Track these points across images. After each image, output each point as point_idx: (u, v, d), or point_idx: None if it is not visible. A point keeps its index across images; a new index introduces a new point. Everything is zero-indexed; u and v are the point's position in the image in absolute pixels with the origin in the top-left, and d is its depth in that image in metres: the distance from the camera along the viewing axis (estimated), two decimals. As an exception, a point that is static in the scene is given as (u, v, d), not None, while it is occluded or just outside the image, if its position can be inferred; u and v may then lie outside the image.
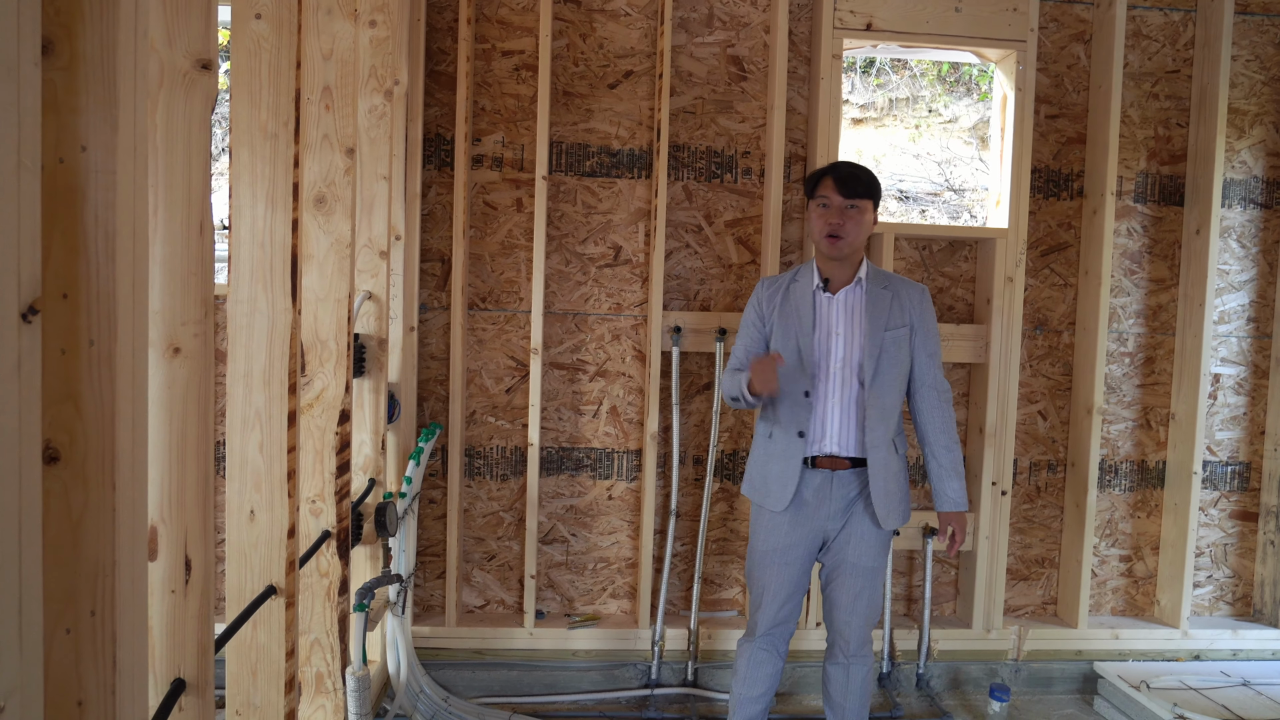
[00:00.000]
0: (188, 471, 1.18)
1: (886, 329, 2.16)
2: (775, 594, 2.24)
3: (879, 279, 2.22)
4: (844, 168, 2.17)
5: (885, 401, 2.16)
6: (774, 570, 2.23)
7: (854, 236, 2.15)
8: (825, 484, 2.17)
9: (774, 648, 2.28)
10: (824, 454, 2.17)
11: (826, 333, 2.19)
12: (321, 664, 2.04)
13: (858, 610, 2.23)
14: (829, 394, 2.17)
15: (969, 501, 2.97)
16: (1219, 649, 3.00)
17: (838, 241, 2.14)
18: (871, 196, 2.17)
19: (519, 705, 2.72)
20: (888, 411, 2.16)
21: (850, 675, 2.27)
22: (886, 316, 2.17)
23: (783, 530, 2.21)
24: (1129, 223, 3.02)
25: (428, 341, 2.82)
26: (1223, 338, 3.06)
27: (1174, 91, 3.00)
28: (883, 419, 2.15)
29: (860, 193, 2.14)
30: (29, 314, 0.78)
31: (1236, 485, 3.11)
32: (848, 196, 2.14)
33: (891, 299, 2.19)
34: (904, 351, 2.18)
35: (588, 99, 2.84)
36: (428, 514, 2.86)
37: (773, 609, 2.25)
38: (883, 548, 2.22)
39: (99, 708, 0.94)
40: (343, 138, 1.94)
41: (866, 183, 2.16)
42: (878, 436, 2.15)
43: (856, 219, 2.15)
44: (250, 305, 1.53)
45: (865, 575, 2.20)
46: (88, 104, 0.91)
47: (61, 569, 0.92)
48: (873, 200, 2.17)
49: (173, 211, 1.16)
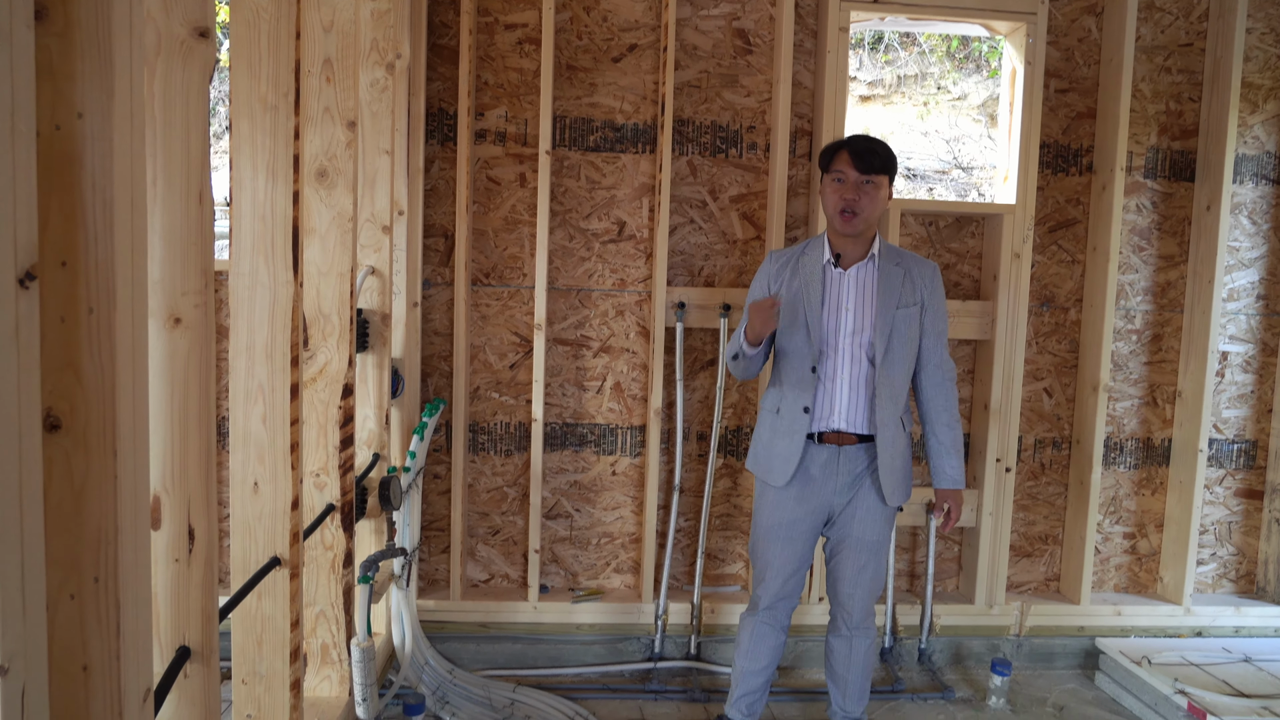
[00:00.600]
0: (190, 442, 1.18)
1: (899, 307, 2.14)
2: (779, 569, 2.24)
3: (892, 255, 2.20)
4: (860, 141, 2.12)
5: (895, 379, 2.15)
6: (778, 546, 2.23)
7: (869, 213, 2.11)
8: (832, 459, 2.17)
9: (776, 622, 2.30)
10: (831, 429, 2.17)
11: (836, 308, 2.17)
12: (327, 635, 2.06)
13: (861, 584, 2.24)
14: (838, 370, 2.16)
15: (970, 479, 2.97)
16: (1221, 626, 3.01)
17: (853, 219, 2.10)
18: (888, 171, 2.12)
19: (523, 678, 2.74)
20: (897, 389, 2.16)
21: (853, 648, 2.29)
22: (899, 294, 2.15)
23: (788, 506, 2.21)
24: (1138, 198, 2.99)
25: (431, 317, 2.82)
26: (1231, 315, 3.04)
27: (1186, 65, 2.96)
28: (892, 397, 2.15)
29: (877, 168, 2.09)
30: (26, 279, 0.78)
31: (1242, 463, 3.10)
32: (864, 172, 2.09)
33: (904, 276, 2.16)
34: (914, 329, 2.17)
35: (592, 73, 2.81)
36: (432, 489, 2.87)
37: (776, 584, 2.25)
38: (887, 522, 2.23)
39: (104, 673, 0.95)
40: (344, 111, 1.93)
41: (883, 157, 2.11)
42: (887, 414, 2.15)
43: (872, 195, 2.10)
44: (252, 278, 1.53)
45: (870, 549, 2.21)
46: (83, 70, 0.90)
47: (65, 536, 0.93)
48: (889, 175, 2.13)
49: (171, 181, 1.15)
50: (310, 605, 2.04)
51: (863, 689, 2.33)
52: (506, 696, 2.58)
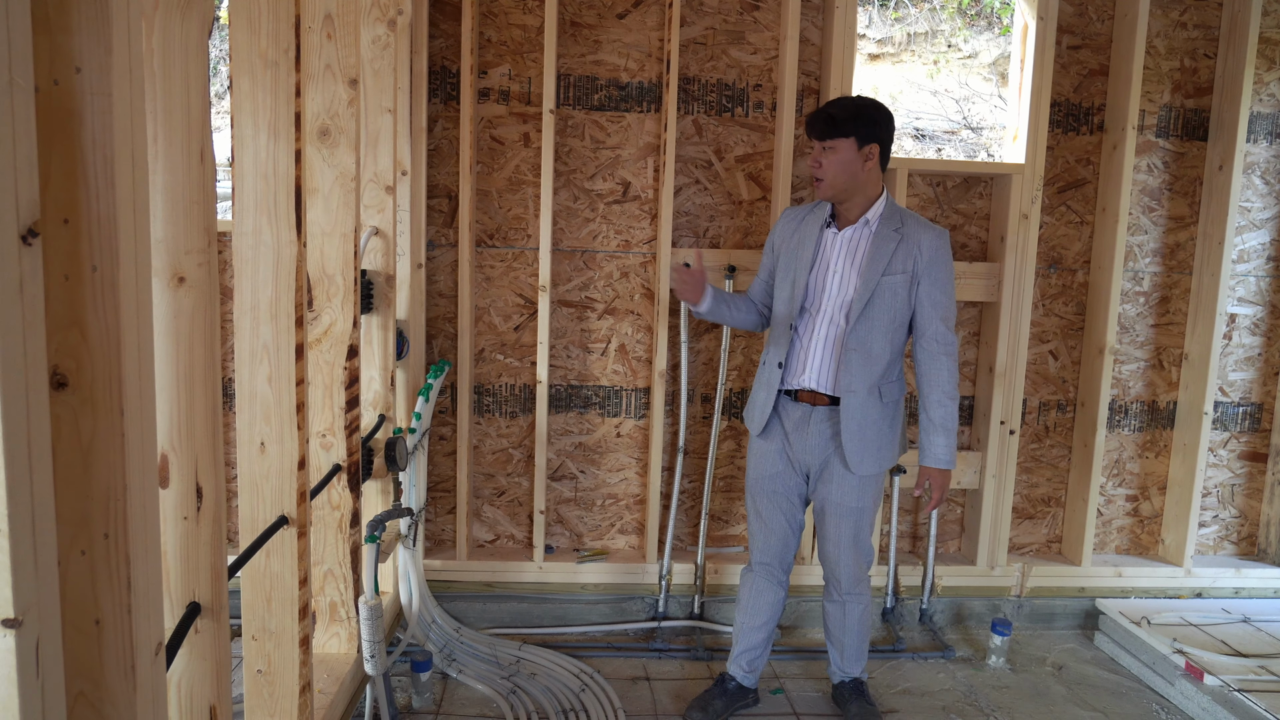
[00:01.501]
0: (196, 401, 1.19)
1: (885, 273, 2.11)
2: (766, 521, 2.30)
3: (893, 220, 2.15)
4: (819, 110, 2.13)
5: (870, 346, 2.13)
6: (765, 498, 2.29)
7: (834, 176, 2.10)
8: (804, 418, 2.21)
9: (773, 577, 2.34)
10: (805, 388, 2.20)
11: (825, 269, 2.18)
12: (335, 593, 2.09)
13: (843, 549, 2.25)
14: (816, 329, 2.18)
15: (974, 441, 2.97)
16: (1221, 587, 3.03)
17: (820, 184, 2.14)
18: (847, 133, 2.08)
19: (529, 636, 2.78)
20: (872, 357, 2.13)
21: (846, 612, 2.32)
22: (888, 261, 2.11)
23: (770, 459, 2.27)
24: (1149, 158, 2.95)
25: (436, 279, 2.81)
26: (1241, 277, 3.01)
27: (1203, 20, 2.90)
28: (865, 363, 2.13)
29: (830, 133, 2.09)
30: (29, 236, 0.78)
31: (1247, 426, 3.09)
32: (820, 138, 2.11)
33: (899, 243, 2.11)
34: (901, 298, 2.12)
35: (596, 29, 2.77)
36: (438, 450, 2.89)
37: (763, 536, 2.31)
38: (864, 489, 2.20)
39: (116, 626, 0.96)
40: (345, 68, 1.90)
41: (839, 120, 2.08)
42: (855, 380, 2.13)
43: (832, 159, 2.10)
44: (255, 237, 1.52)
45: (849, 515, 2.21)
46: (80, 23, 0.89)
47: (74, 493, 0.93)
48: (853, 135, 2.08)
49: (172, 138, 1.14)
50: (318, 564, 2.06)
51: (859, 650, 2.36)
52: (512, 654, 2.62)
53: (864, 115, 2.09)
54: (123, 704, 0.97)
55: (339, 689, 2.00)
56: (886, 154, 2.16)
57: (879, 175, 2.16)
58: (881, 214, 2.16)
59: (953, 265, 2.19)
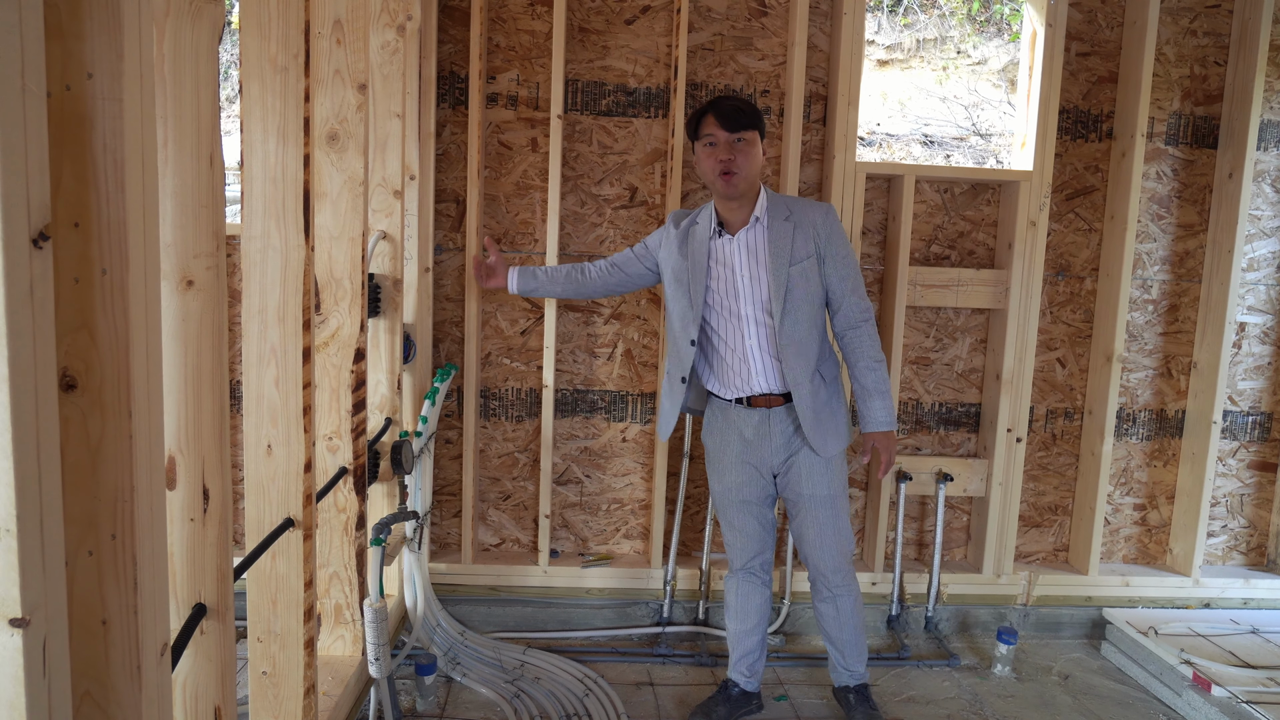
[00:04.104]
0: (203, 403, 1.20)
1: (791, 264, 2.12)
2: (740, 529, 2.32)
3: (779, 210, 2.16)
4: (725, 103, 2.12)
5: (801, 336, 2.15)
6: (734, 508, 2.31)
7: (746, 170, 2.10)
8: (764, 422, 2.22)
9: (755, 577, 2.35)
10: (758, 393, 2.20)
11: (731, 276, 2.18)
12: (340, 595, 2.09)
13: (825, 540, 2.25)
14: (745, 334, 2.18)
15: (980, 448, 2.97)
16: (1230, 598, 3.01)
17: (732, 178, 2.09)
18: (757, 127, 2.11)
19: (533, 640, 2.79)
20: (805, 346, 2.15)
21: (839, 608, 2.31)
22: (790, 251, 2.12)
23: (731, 470, 2.28)
24: (1159, 166, 2.94)
25: (443, 283, 2.82)
26: (1251, 285, 3.00)
27: (1213, 27, 2.89)
28: (801, 354, 2.15)
29: (745, 124, 2.09)
30: (40, 240, 0.78)
31: (1257, 435, 3.08)
32: (733, 130, 2.08)
33: (794, 231, 2.13)
34: (813, 283, 2.14)
35: (604, 35, 2.78)
36: (444, 454, 2.89)
37: (740, 543, 2.33)
38: (833, 474, 2.22)
39: (122, 627, 0.97)
40: (354, 73, 1.91)
41: (750, 114, 2.10)
42: (798, 373, 2.15)
43: (746, 152, 2.09)
44: (263, 241, 1.53)
45: (824, 504, 2.22)
46: (92, 29, 0.90)
47: (82, 493, 0.94)
48: (759, 130, 2.12)
49: (182, 143, 1.15)
50: (324, 566, 2.07)
51: (860, 645, 2.36)
52: (516, 658, 2.62)
53: (759, 113, 2.14)
54: (128, 704, 0.98)
55: (343, 691, 2.01)
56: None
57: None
58: (767, 208, 2.16)
59: (846, 238, 2.21)
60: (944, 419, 2.99)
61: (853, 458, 2.82)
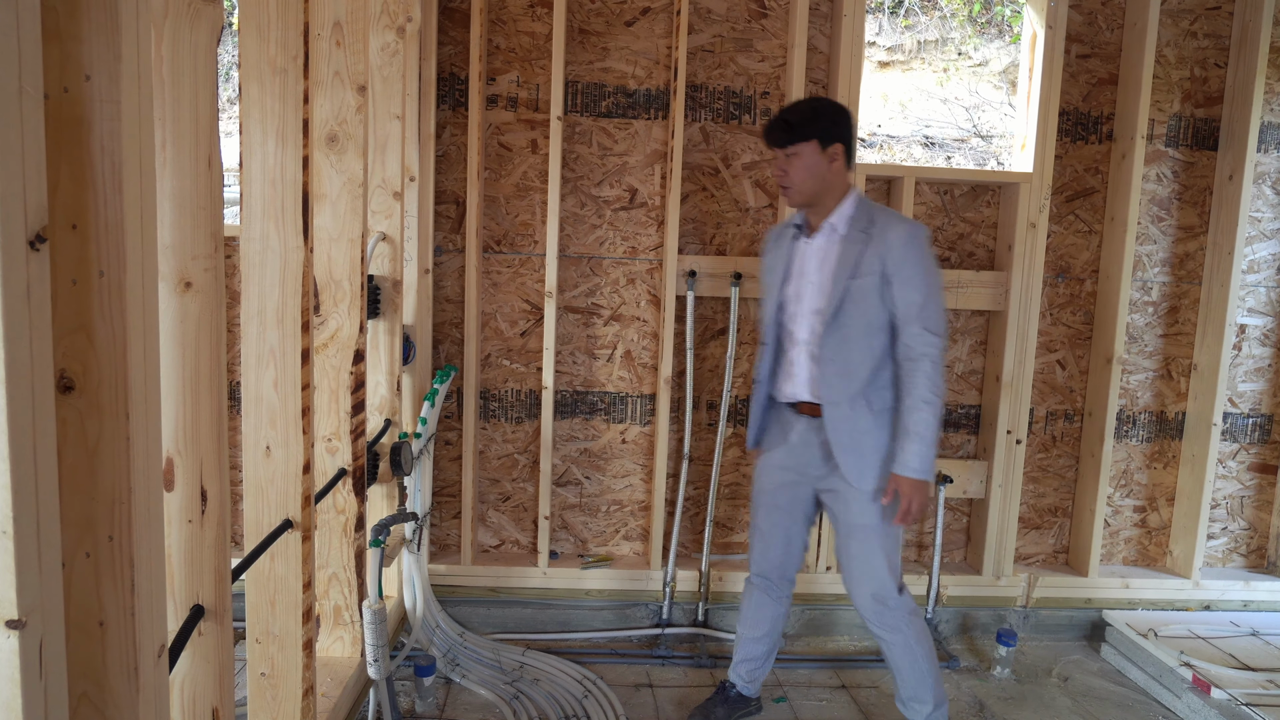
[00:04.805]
0: (201, 405, 1.20)
1: (852, 277, 2.02)
2: (764, 534, 2.27)
3: (861, 221, 2.06)
4: (773, 120, 2.08)
5: (847, 355, 2.04)
6: (763, 511, 2.26)
7: (800, 183, 2.06)
8: (807, 429, 2.15)
9: (770, 591, 2.30)
10: (803, 400, 2.15)
11: (800, 279, 2.13)
12: (339, 597, 2.09)
13: (852, 573, 2.14)
14: (798, 341, 2.13)
15: (980, 450, 2.96)
16: (1230, 600, 3.01)
17: (787, 192, 2.09)
18: (809, 136, 2.03)
19: (533, 641, 2.79)
20: (849, 366, 2.04)
21: (888, 648, 2.16)
22: (855, 264, 2.02)
23: (771, 472, 2.23)
24: (1159, 167, 2.94)
25: (443, 284, 2.82)
26: (1251, 287, 3.00)
27: (1213, 29, 2.89)
28: (843, 374, 2.05)
29: (788, 139, 2.05)
30: (36, 242, 0.79)
31: (1257, 438, 3.07)
32: (780, 146, 2.07)
33: (865, 244, 2.02)
34: (872, 301, 2.02)
35: (604, 37, 2.78)
36: (444, 455, 2.90)
37: (760, 549, 2.28)
38: (869, 506, 2.08)
39: (120, 629, 0.97)
40: (354, 75, 1.91)
41: (796, 127, 2.04)
42: (833, 391, 2.06)
43: (797, 165, 2.05)
44: (262, 243, 1.53)
45: (858, 534, 2.10)
46: (90, 32, 0.90)
47: (80, 495, 0.94)
48: (815, 138, 2.03)
49: (181, 145, 1.15)
50: (323, 568, 2.07)
51: (911, 689, 2.17)
52: (516, 660, 2.62)
53: (823, 116, 2.04)
54: (125, 706, 0.98)
55: (342, 692, 2.01)
56: (851, 153, 2.10)
57: (844, 176, 2.09)
58: (849, 216, 2.08)
59: (928, 262, 2.02)
60: (944, 421, 2.99)
61: None
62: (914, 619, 2.14)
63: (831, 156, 2.05)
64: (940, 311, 2.02)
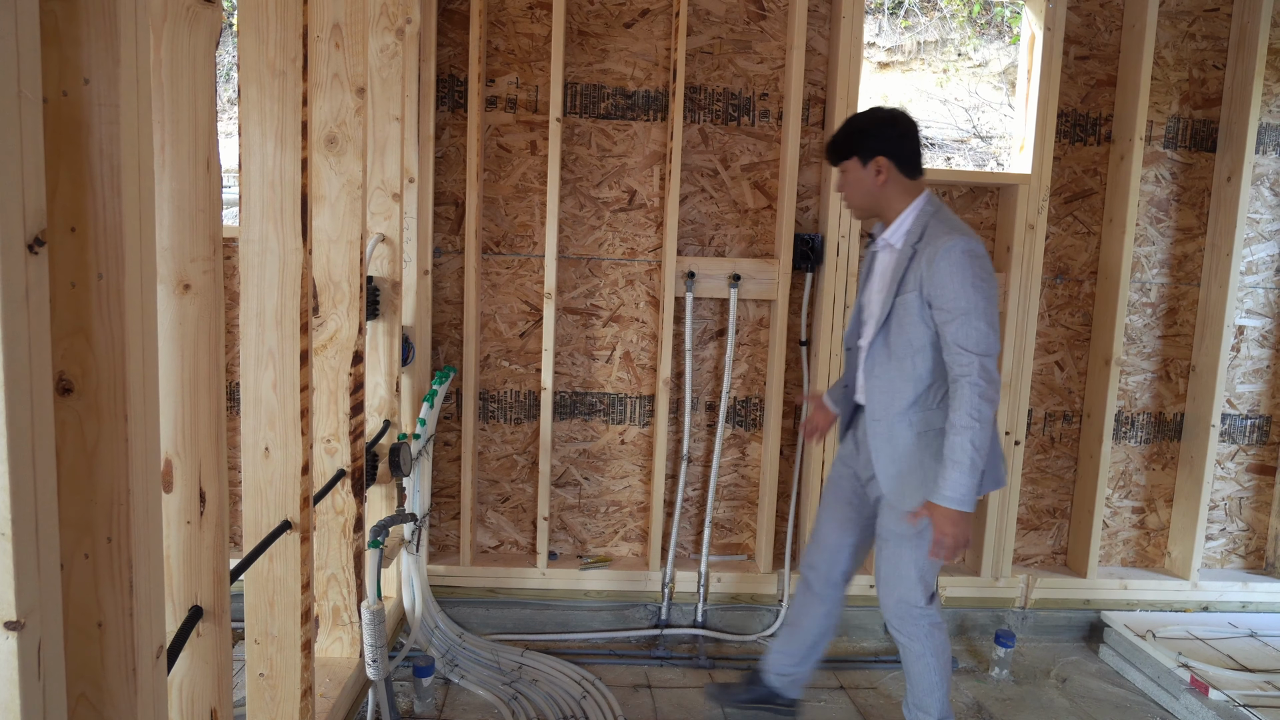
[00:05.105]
0: (200, 406, 1.20)
1: (898, 294, 1.98)
2: (818, 527, 2.31)
3: (915, 234, 1.98)
4: (831, 139, 2.11)
5: (891, 372, 2.00)
6: (822, 504, 2.32)
7: (853, 198, 2.08)
8: (863, 433, 2.14)
9: (811, 589, 2.27)
10: (861, 404, 2.16)
11: (870, 289, 2.14)
12: (338, 598, 2.10)
13: (881, 578, 2.12)
14: (863, 349, 2.12)
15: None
16: (1228, 601, 3.01)
17: (849, 206, 2.14)
18: (849, 154, 2.04)
19: (532, 642, 2.79)
20: (891, 383, 2.01)
21: (904, 652, 2.14)
22: (900, 280, 1.98)
23: (838, 463, 2.28)
24: (1157, 169, 2.94)
25: (442, 285, 2.83)
26: (1249, 289, 3.00)
27: (1212, 31, 2.90)
28: (885, 390, 2.02)
29: (835, 158, 2.08)
30: (35, 245, 0.79)
31: (1255, 439, 3.08)
32: (834, 164, 2.11)
33: (912, 258, 1.96)
34: (913, 320, 1.95)
35: (603, 39, 2.78)
36: (443, 456, 2.90)
37: (812, 540, 2.31)
38: (900, 518, 2.03)
39: (118, 630, 0.98)
40: (353, 77, 1.92)
41: (841, 145, 2.06)
42: (878, 407, 2.03)
43: (845, 181, 2.08)
44: (261, 245, 1.54)
45: (891, 541, 2.08)
46: (89, 36, 0.91)
47: (78, 496, 0.95)
48: (855, 155, 2.03)
49: (179, 148, 1.16)
50: (322, 568, 2.08)
51: (919, 695, 2.15)
52: (514, 660, 2.63)
53: (859, 131, 2.03)
54: (124, 706, 0.98)
55: (341, 693, 2.01)
56: (905, 161, 2.02)
57: (904, 186, 2.03)
58: (906, 230, 2.02)
59: (966, 276, 1.87)
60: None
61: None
62: (935, 632, 2.10)
63: (876, 170, 2.01)
64: (979, 330, 1.87)
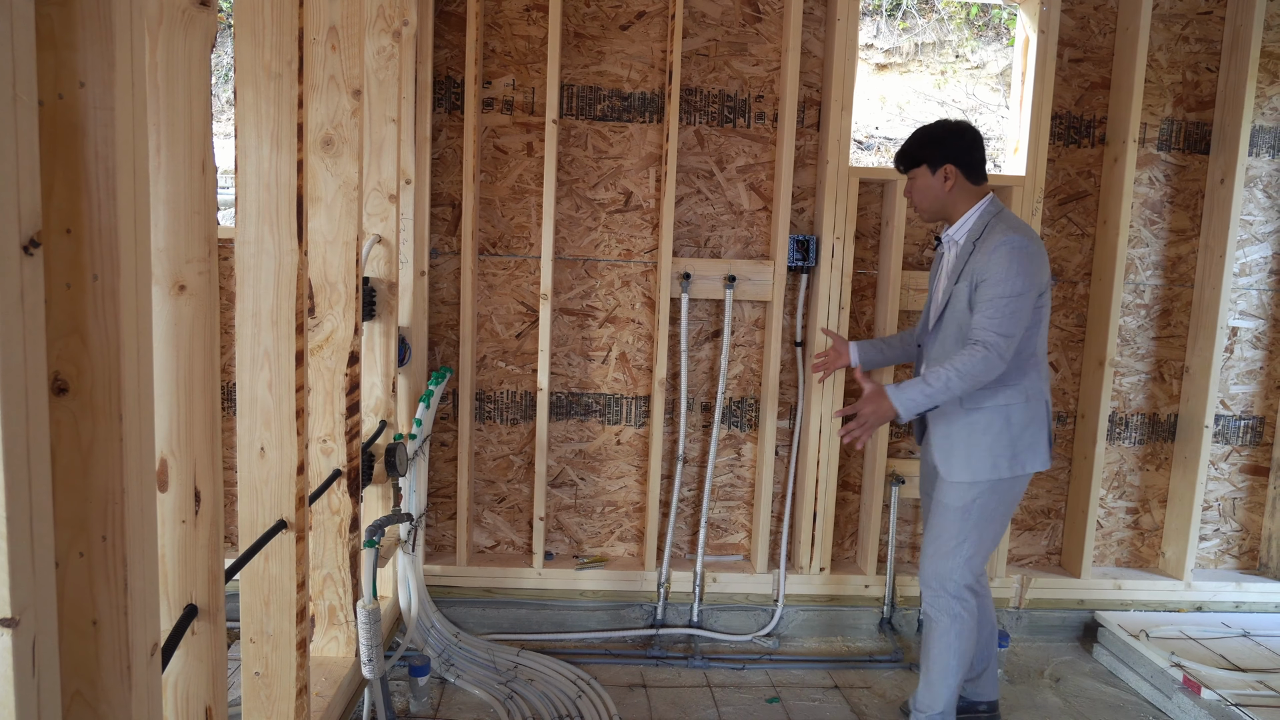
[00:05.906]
0: (195, 406, 1.21)
1: (955, 283, 2.20)
2: (924, 523, 2.37)
3: (976, 232, 2.18)
4: (900, 147, 2.30)
5: (948, 354, 2.19)
6: (921, 503, 2.45)
7: (919, 203, 2.27)
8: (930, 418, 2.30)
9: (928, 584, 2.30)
10: None
11: (936, 283, 2.34)
12: (334, 597, 2.11)
13: (925, 544, 2.28)
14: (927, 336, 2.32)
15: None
16: (1221, 601, 3.02)
17: (917, 210, 2.31)
18: (919, 162, 2.23)
19: (527, 642, 2.80)
20: None
21: (926, 627, 2.27)
22: (959, 272, 2.19)
23: (921, 465, 2.42)
24: (1151, 171, 2.95)
25: (438, 286, 2.84)
26: (1242, 290, 3.01)
27: (1205, 34, 2.91)
28: None
29: (905, 166, 2.28)
30: (30, 247, 0.80)
31: (1249, 440, 3.09)
32: (902, 172, 2.32)
33: (970, 254, 2.16)
34: (964, 307, 2.16)
35: (599, 41, 2.79)
36: (439, 456, 2.91)
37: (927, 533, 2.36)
38: (952, 491, 2.18)
39: (112, 628, 0.98)
40: (349, 79, 1.93)
41: (910, 154, 2.26)
42: None
43: (915, 187, 2.27)
44: (257, 246, 1.55)
45: (938, 510, 2.23)
46: (84, 39, 0.92)
47: (74, 495, 0.96)
48: (924, 163, 2.22)
49: (174, 150, 1.17)
50: (317, 568, 2.08)
51: (929, 681, 2.24)
52: (510, 660, 2.64)
53: (929, 141, 2.22)
54: (118, 704, 0.99)
55: (336, 692, 2.02)
56: (971, 169, 2.19)
57: (968, 191, 2.21)
58: (969, 228, 2.21)
59: (1011, 267, 2.04)
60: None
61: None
62: (960, 620, 2.20)
63: (944, 177, 2.20)
64: (1008, 315, 2.03)
